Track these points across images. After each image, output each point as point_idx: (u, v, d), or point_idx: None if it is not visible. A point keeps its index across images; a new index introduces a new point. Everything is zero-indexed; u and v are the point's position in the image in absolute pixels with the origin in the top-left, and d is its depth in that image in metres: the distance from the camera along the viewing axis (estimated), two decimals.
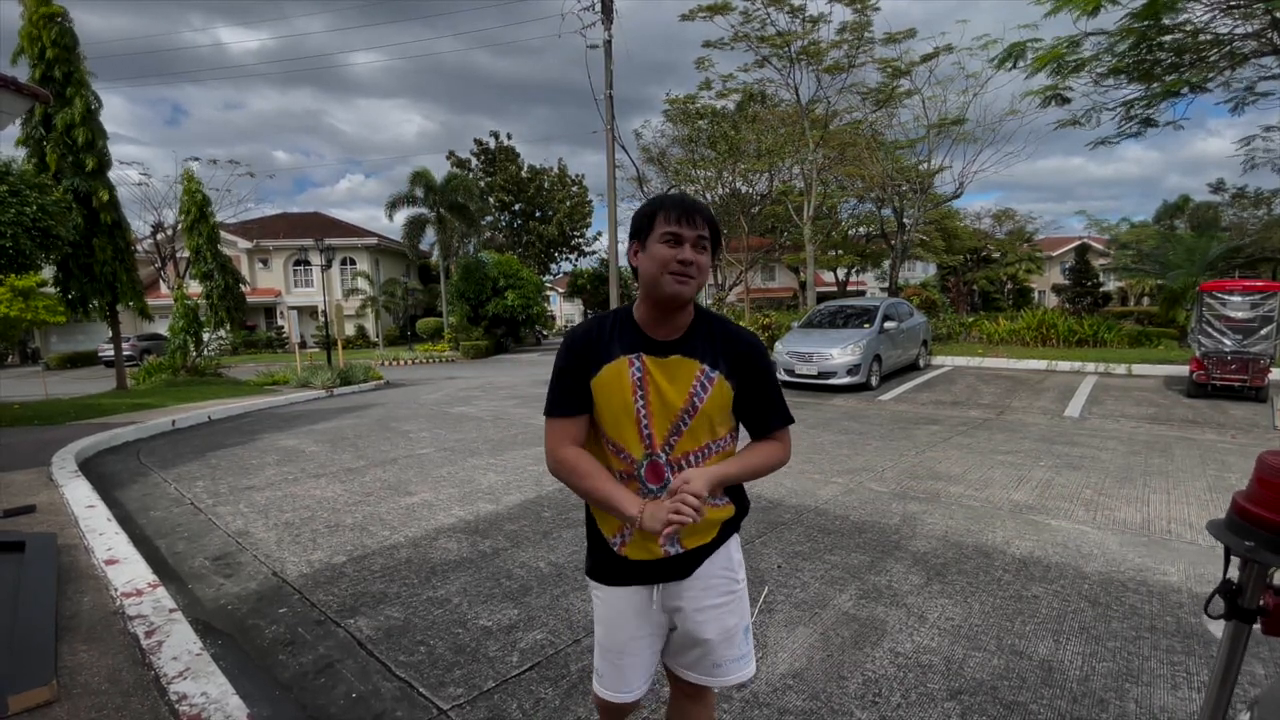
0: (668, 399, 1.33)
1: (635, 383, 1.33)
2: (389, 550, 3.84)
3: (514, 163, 35.98)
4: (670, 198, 1.34)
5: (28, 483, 5.31)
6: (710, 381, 1.34)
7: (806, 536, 3.87)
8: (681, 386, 1.33)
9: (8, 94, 5.76)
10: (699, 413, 1.34)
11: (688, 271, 1.28)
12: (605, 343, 1.36)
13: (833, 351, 10.06)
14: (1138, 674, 2.39)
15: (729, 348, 1.37)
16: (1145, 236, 25.33)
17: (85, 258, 12.04)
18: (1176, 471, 5.24)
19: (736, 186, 21.88)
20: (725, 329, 1.41)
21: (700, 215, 1.31)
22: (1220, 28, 8.90)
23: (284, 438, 7.67)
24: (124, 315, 13.89)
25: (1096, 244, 35.17)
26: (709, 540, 1.43)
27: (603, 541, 1.45)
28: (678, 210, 1.30)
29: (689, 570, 1.42)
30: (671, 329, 1.36)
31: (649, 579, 1.43)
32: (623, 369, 1.34)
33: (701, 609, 1.44)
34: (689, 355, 1.35)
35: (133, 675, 2.39)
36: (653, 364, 1.34)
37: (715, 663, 1.47)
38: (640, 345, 1.35)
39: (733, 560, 1.49)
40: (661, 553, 1.39)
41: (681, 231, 1.28)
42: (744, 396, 1.39)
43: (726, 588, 1.47)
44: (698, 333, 1.37)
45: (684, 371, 1.34)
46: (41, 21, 11.52)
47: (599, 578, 1.48)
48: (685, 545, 1.40)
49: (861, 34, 16.63)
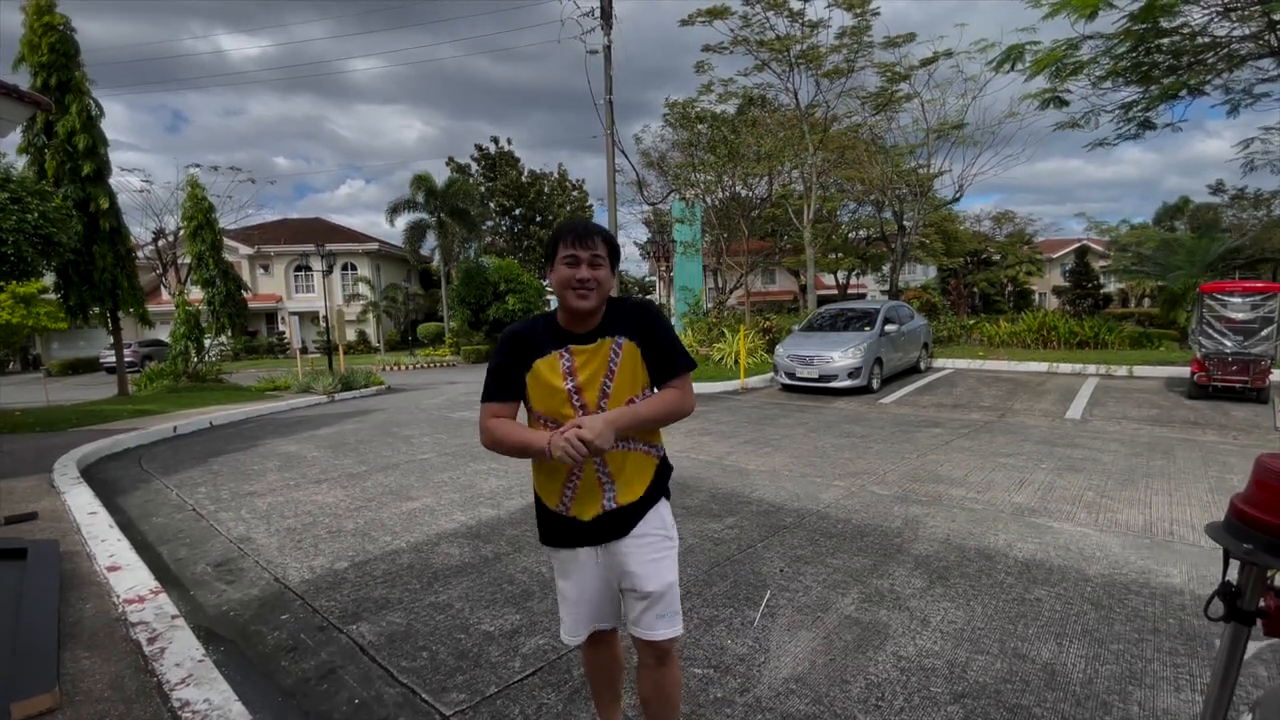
0: (593, 372, 1.60)
1: (566, 370, 1.60)
2: (391, 555, 3.84)
3: (514, 168, 36.05)
4: (568, 224, 1.60)
5: (30, 489, 5.32)
6: (619, 347, 1.62)
7: (808, 540, 3.87)
8: (602, 360, 1.61)
9: (9, 102, 5.78)
10: (617, 373, 1.60)
11: (585, 286, 1.55)
12: (537, 340, 1.63)
13: (834, 355, 10.06)
14: (1141, 676, 2.39)
15: (629, 317, 1.65)
16: (1145, 238, 25.35)
17: (86, 264, 12.06)
18: (1178, 473, 5.23)
19: (736, 190, 21.91)
20: (624, 305, 1.68)
21: (595, 236, 1.57)
22: (1218, 30, 8.93)
23: (285, 443, 7.68)
24: (125, 321, 13.90)
25: (1096, 246, 35.19)
26: (640, 495, 1.66)
27: (548, 510, 1.70)
28: (573, 235, 1.56)
29: (627, 528, 1.66)
30: (587, 325, 1.64)
31: (593, 539, 1.67)
32: (554, 361, 1.61)
33: (642, 562, 1.66)
34: (604, 335, 1.63)
35: (135, 682, 2.39)
36: (578, 351, 1.62)
37: (659, 614, 1.67)
38: (565, 340, 1.63)
39: (665, 521, 1.73)
40: (600, 506, 1.63)
41: (577, 253, 1.55)
42: (647, 351, 1.64)
43: (661, 544, 1.70)
44: (608, 319, 1.65)
45: (603, 348, 1.62)
46: (42, 29, 11.57)
47: (551, 542, 1.74)
48: (620, 501, 1.64)
49: (861, 38, 16.66)
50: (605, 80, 15.47)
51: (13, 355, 30.98)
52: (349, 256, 33.61)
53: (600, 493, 1.64)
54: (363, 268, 34.25)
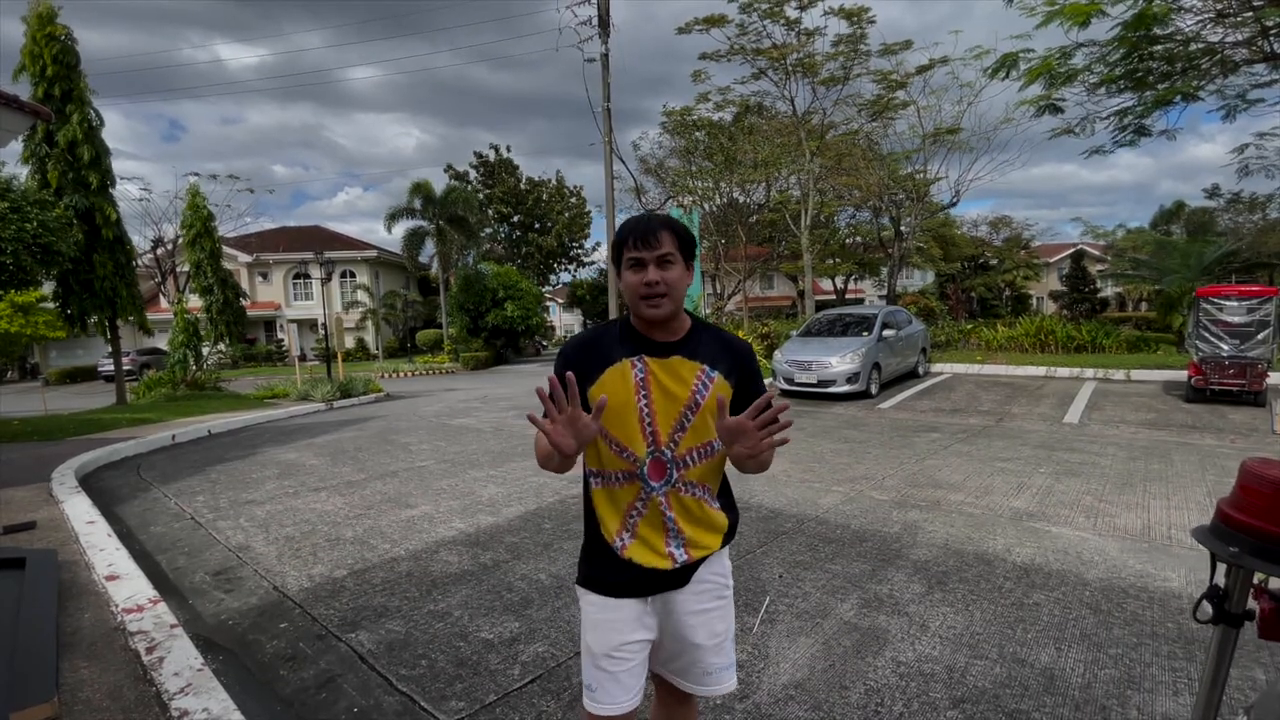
0: (672, 395, 1.37)
1: (638, 383, 1.37)
2: (390, 564, 3.84)
3: (513, 175, 36.16)
4: (632, 223, 1.38)
5: (28, 499, 5.31)
6: (711, 380, 1.39)
7: (808, 546, 3.87)
8: (684, 384, 1.38)
9: (9, 111, 5.82)
10: (701, 409, 1.37)
11: (654, 291, 1.34)
12: (606, 348, 1.41)
13: (832, 360, 10.08)
14: (1140, 681, 2.39)
15: (724, 350, 1.44)
16: (1142, 242, 25.43)
17: (85, 273, 12.08)
18: (1176, 477, 5.25)
19: (734, 196, 22.01)
20: (719, 335, 1.47)
21: (661, 233, 1.34)
22: (1211, 36, 9.00)
23: (284, 451, 7.67)
24: (124, 330, 13.91)
25: (1093, 250, 35.29)
26: (714, 551, 1.45)
27: (604, 545, 1.43)
28: (636, 235, 1.35)
29: (687, 579, 1.43)
30: (669, 333, 1.41)
31: (646, 589, 1.42)
32: (626, 370, 1.38)
33: (694, 611, 1.44)
34: (689, 357, 1.40)
35: (134, 691, 2.38)
36: (655, 364, 1.38)
37: (705, 670, 1.48)
38: (642, 348, 1.39)
39: (725, 566, 1.52)
40: (668, 557, 1.39)
41: (642, 255, 1.34)
42: (739, 396, 1.43)
43: (718, 592, 1.48)
44: (695, 338, 1.43)
45: (686, 370, 1.39)
46: (44, 40, 11.64)
47: (595, 587, 1.46)
48: (692, 555, 1.41)
49: (857, 46, 16.80)
50: (603, 88, 15.57)
51: (11, 364, 30.95)
52: (348, 264, 33.66)
53: (663, 538, 1.40)
54: (361, 275, 34.29)
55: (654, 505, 1.39)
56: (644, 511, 1.39)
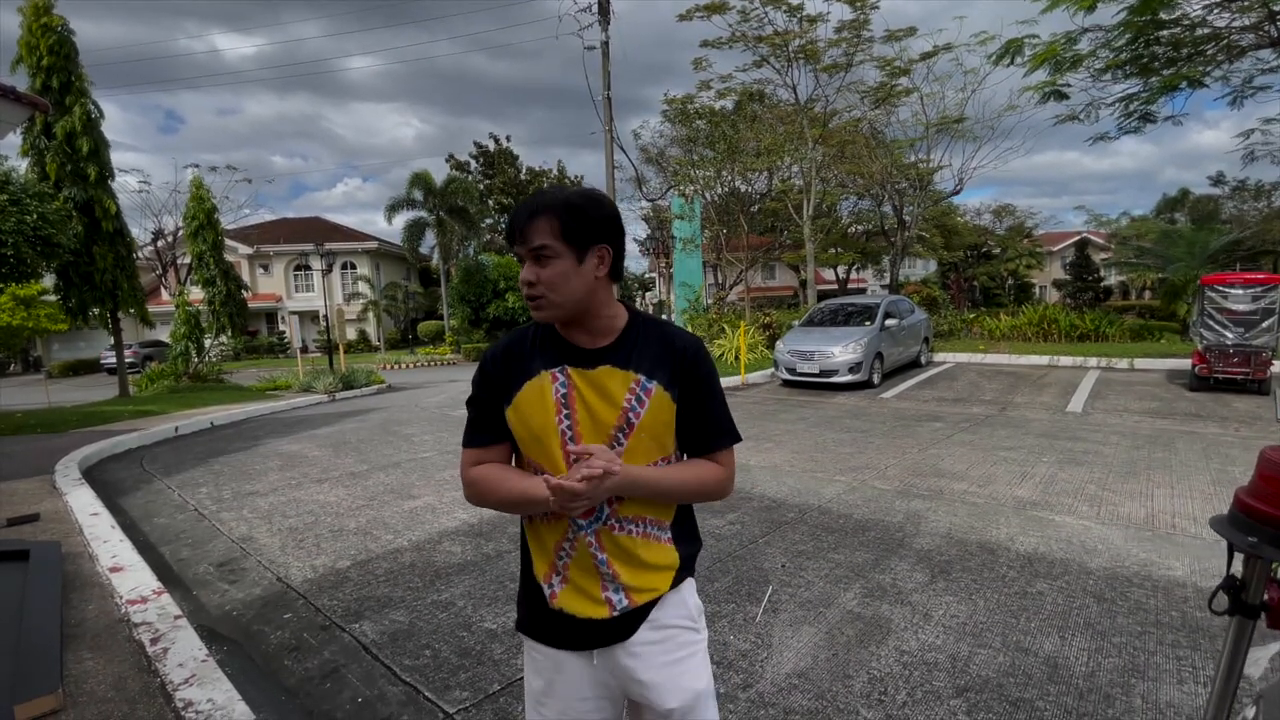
0: (599, 416, 1.14)
1: (559, 400, 1.14)
2: (393, 554, 3.84)
3: (513, 165, 36.02)
4: (513, 211, 1.14)
5: (31, 491, 5.32)
6: (647, 393, 1.14)
7: (810, 535, 3.87)
8: (613, 401, 1.14)
9: (6, 103, 5.77)
10: (635, 430, 1.14)
11: (533, 292, 1.12)
12: (525, 358, 1.18)
13: (834, 349, 10.06)
14: (1144, 669, 2.39)
15: (666, 352, 1.17)
16: (1146, 230, 25.29)
17: (86, 265, 12.06)
18: (1180, 465, 5.23)
19: (736, 185, 21.89)
20: (661, 331, 1.21)
21: (534, 221, 1.09)
22: (1217, 21, 8.89)
23: (286, 443, 7.68)
24: (125, 322, 13.91)
25: (1097, 238, 35.13)
26: (663, 593, 1.20)
27: (536, 588, 1.23)
28: (510, 226, 1.13)
29: (630, 630, 1.19)
30: (597, 335, 1.17)
31: (583, 642, 1.19)
32: (545, 385, 1.15)
33: (656, 667, 1.18)
34: (620, 365, 1.15)
35: (138, 682, 2.39)
36: (579, 376, 1.14)
37: None
38: (564, 357, 1.16)
39: (690, 606, 1.25)
40: (606, 604, 1.16)
41: (519, 251, 1.13)
42: (685, 410, 1.19)
43: (684, 638, 1.22)
44: (630, 338, 1.18)
45: (615, 383, 1.14)
46: (40, 30, 11.55)
47: (531, 632, 1.25)
48: (634, 600, 1.17)
49: (860, 32, 16.62)
50: (603, 76, 15.45)
51: (14, 357, 31.01)
52: (348, 255, 33.60)
53: (597, 583, 1.17)
54: (362, 266, 34.25)
55: (582, 546, 1.16)
56: (572, 553, 1.17)
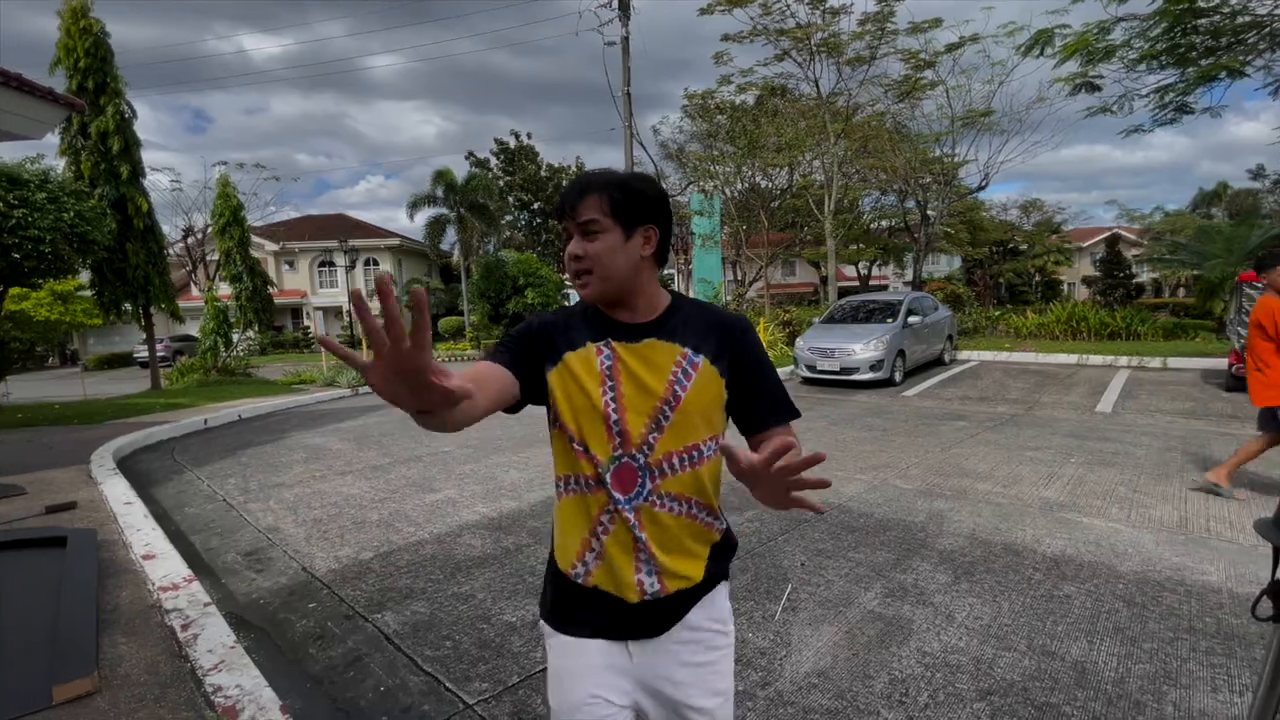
0: (646, 386, 1.11)
1: (604, 371, 1.12)
2: (414, 546, 3.89)
3: (533, 162, 36.13)
4: (565, 187, 1.14)
5: (69, 480, 5.49)
6: (694, 367, 1.12)
7: (830, 534, 3.84)
8: (659, 373, 1.11)
9: (45, 104, 5.94)
10: (681, 405, 1.11)
11: (578, 267, 1.10)
12: (570, 330, 1.16)
13: (855, 347, 9.94)
14: (1176, 676, 2.32)
15: (712, 328, 1.16)
16: (1181, 225, 24.56)
17: (119, 262, 12.40)
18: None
19: (756, 181, 21.71)
20: (706, 311, 1.20)
21: (585, 196, 1.08)
22: (1259, 9, 8.57)
23: (311, 436, 7.82)
24: (157, 317, 14.28)
25: (1129, 234, 34.20)
26: (697, 581, 1.15)
27: (559, 574, 1.19)
28: (561, 200, 1.11)
29: (664, 625, 1.15)
30: (637, 313, 1.15)
31: (615, 631, 1.15)
32: (590, 357, 1.13)
33: (685, 665, 1.15)
34: (666, 339, 1.14)
35: (170, 667, 2.45)
36: (624, 349, 1.13)
37: None
38: (609, 331, 1.14)
39: (722, 610, 1.22)
40: (635, 586, 1.11)
41: (567, 225, 1.12)
42: (736, 386, 1.16)
43: (713, 641, 1.19)
44: (674, 316, 1.17)
45: (661, 356, 1.12)
46: (77, 33, 11.87)
47: (556, 620, 1.21)
48: (666, 585, 1.12)
49: (884, 25, 16.35)
50: (623, 72, 15.43)
51: (52, 351, 32.02)
52: (371, 251, 34.11)
53: (631, 562, 1.12)
54: (384, 262, 34.72)
55: (620, 522, 1.12)
56: (610, 527, 1.12)
